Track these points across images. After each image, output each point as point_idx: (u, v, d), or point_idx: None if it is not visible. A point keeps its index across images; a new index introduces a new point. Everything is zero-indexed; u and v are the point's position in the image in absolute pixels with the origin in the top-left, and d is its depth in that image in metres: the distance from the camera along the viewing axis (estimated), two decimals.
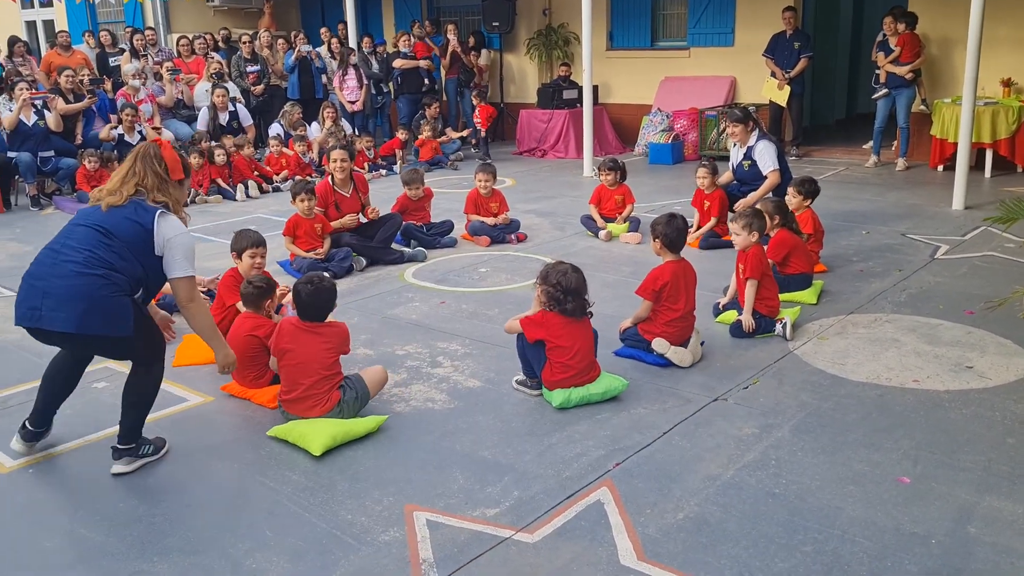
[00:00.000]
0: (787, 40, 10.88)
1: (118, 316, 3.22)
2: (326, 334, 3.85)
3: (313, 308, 3.86)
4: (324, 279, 3.96)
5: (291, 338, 3.80)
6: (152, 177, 3.39)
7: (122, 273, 3.25)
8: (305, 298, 3.86)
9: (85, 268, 3.21)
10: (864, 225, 7.35)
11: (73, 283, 3.20)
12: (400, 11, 15.18)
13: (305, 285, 3.88)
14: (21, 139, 9.40)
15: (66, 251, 3.29)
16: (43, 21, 17.44)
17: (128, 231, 3.30)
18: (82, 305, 3.18)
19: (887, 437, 3.59)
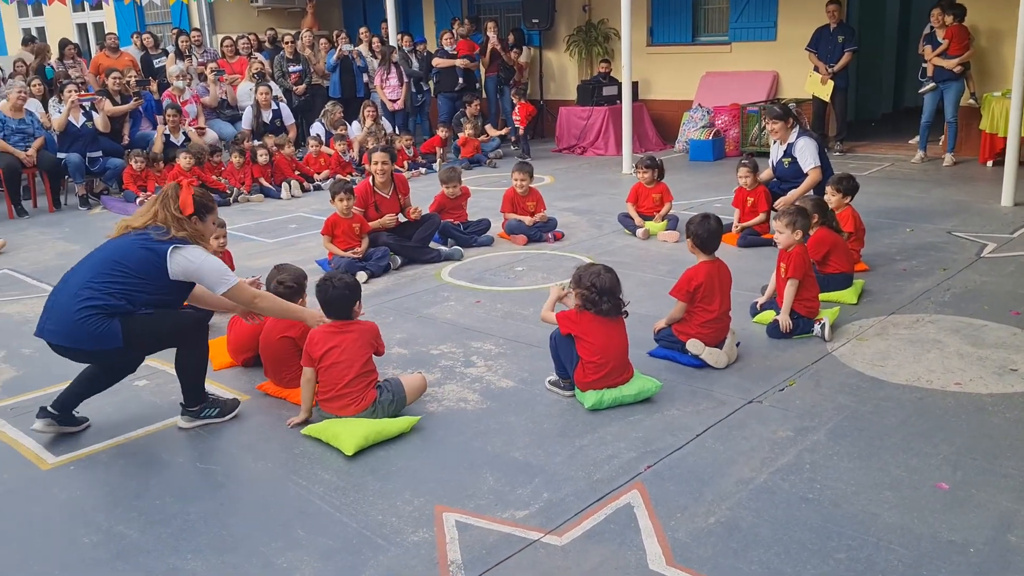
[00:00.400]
0: (831, 34, 10.69)
1: (103, 335, 3.57)
2: (355, 331, 3.87)
3: (332, 305, 3.89)
4: (337, 276, 3.98)
5: (323, 343, 3.82)
6: (168, 216, 3.76)
7: (118, 297, 3.60)
8: (322, 296, 3.91)
9: (80, 291, 3.60)
10: (908, 222, 7.20)
11: (67, 304, 3.61)
12: (441, 9, 15.23)
13: (323, 283, 3.93)
14: (70, 140, 9.62)
15: (75, 275, 3.71)
16: (93, 23, 17.84)
17: (137, 257, 3.67)
18: (70, 324, 3.58)
19: (926, 442, 3.52)
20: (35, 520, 3.21)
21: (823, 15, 10.70)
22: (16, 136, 9.26)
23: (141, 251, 3.67)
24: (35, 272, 6.87)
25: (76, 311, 3.56)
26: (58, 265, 7.05)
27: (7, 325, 5.55)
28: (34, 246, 7.84)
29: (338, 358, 3.79)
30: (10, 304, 6.01)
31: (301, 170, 10.33)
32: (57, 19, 17.94)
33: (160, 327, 3.73)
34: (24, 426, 3.99)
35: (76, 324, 3.56)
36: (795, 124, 6.87)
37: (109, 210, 9.42)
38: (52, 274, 6.74)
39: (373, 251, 6.41)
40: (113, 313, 3.59)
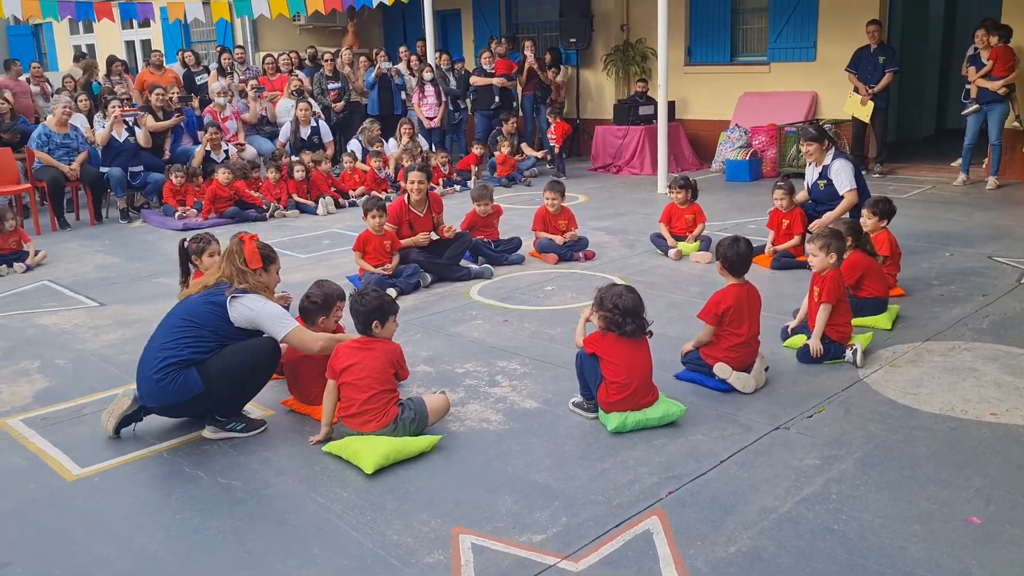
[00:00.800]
0: (871, 54, 10.57)
1: (183, 386, 3.80)
2: (378, 350, 3.87)
3: (358, 317, 3.90)
4: (370, 291, 3.99)
5: (345, 358, 3.84)
6: (233, 270, 4.02)
7: (191, 350, 3.84)
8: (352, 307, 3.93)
9: (157, 354, 3.86)
10: (948, 247, 7.06)
11: (148, 371, 3.86)
12: (479, 28, 15.34)
13: (352, 297, 3.97)
14: (113, 154, 9.81)
15: (152, 341, 3.97)
16: (141, 41, 18.24)
17: (202, 312, 3.92)
18: (154, 386, 3.83)
19: (958, 474, 3.42)
20: (57, 531, 3.24)
21: (863, 35, 10.59)
22: (61, 150, 9.46)
23: (204, 306, 3.93)
24: (73, 284, 7.00)
25: (155, 373, 3.81)
26: (97, 277, 7.19)
27: (43, 336, 5.65)
28: (74, 258, 7.99)
29: (358, 375, 3.79)
30: (48, 315, 6.12)
31: (337, 186, 10.42)
32: (107, 36, 18.38)
33: (235, 359, 3.90)
34: (53, 437, 4.05)
35: (158, 385, 3.81)
36: (831, 146, 6.78)
37: (149, 224, 9.58)
38: (90, 286, 6.88)
39: (403, 268, 6.43)
40: (188, 364, 3.82)
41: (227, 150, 10.49)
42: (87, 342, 5.49)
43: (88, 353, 5.28)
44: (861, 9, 11.00)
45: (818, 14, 11.58)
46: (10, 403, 4.53)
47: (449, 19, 15.99)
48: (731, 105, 12.45)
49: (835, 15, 11.37)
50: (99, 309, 6.25)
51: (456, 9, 15.61)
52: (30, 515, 3.37)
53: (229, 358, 3.88)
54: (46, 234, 9.13)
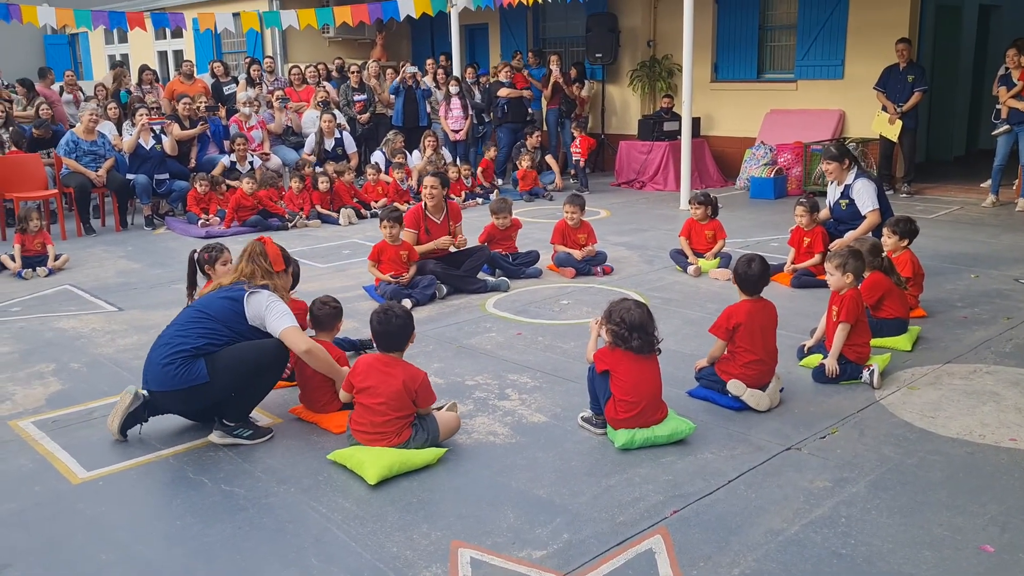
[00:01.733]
0: (900, 73, 10.46)
1: (189, 374, 3.83)
2: (397, 375, 3.76)
3: (384, 337, 3.85)
4: (395, 307, 3.95)
5: (363, 375, 3.79)
6: (258, 271, 4.12)
7: (202, 339, 3.88)
8: (376, 326, 3.87)
9: (168, 341, 3.93)
10: (974, 268, 6.93)
11: (157, 356, 3.93)
12: (506, 42, 15.39)
13: (376, 314, 3.88)
14: (139, 162, 9.93)
15: (165, 332, 4.03)
16: (173, 51, 18.49)
17: (218, 306, 3.99)
18: (159, 371, 3.88)
19: (973, 500, 3.32)
20: (58, 535, 3.24)
21: (892, 54, 10.49)
22: (88, 157, 9.59)
23: (221, 301, 4.02)
24: (94, 289, 7.06)
25: (163, 358, 3.87)
26: (118, 283, 7.25)
27: (61, 340, 5.70)
28: (96, 263, 8.06)
29: (374, 399, 3.74)
30: (67, 319, 6.17)
31: (360, 197, 10.46)
32: (140, 46, 18.66)
33: (242, 355, 3.91)
34: (62, 439, 4.07)
35: (164, 370, 3.85)
36: (852, 165, 6.68)
37: (172, 231, 9.66)
38: (111, 291, 6.94)
39: (420, 279, 6.41)
40: (197, 354, 3.86)
41: (251, 160, 10.58)
42: (103, 346, 5.53)
43: (103, 357, 5.31)
44: (891, 27, 10.90)
45: (847, 32, 11.49)
46: (23, 405, 4.56)
47: (477, 33, 16.07)
48: (757, 122, 12.37)
49: (864, 33, 11.27)
50: (117, 314, 6.30)
51: (484, 23, 15.67)
52: (33, 518, 3.37)
53: (237, 354, 3.90)
54: (72, 239, 9.23)
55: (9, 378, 4.98)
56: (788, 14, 12.30)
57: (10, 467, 3.81)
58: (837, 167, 6.63)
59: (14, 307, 6.57)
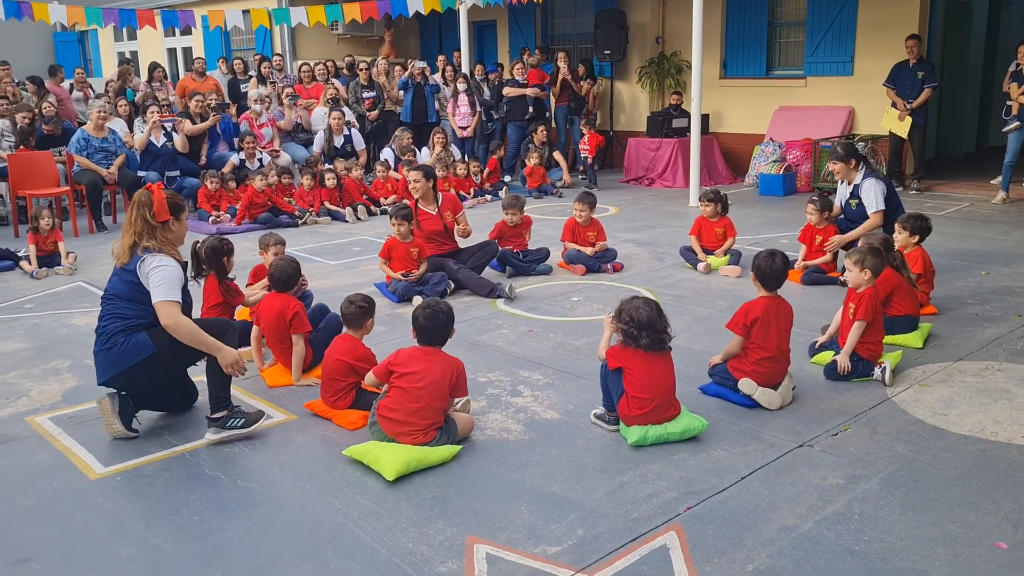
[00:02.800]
0: (910, 69, 10.44)
1: (133, 348, 3.88)
2: (439, 363, 3.81)
3: (430, 332, 3.87)
4: (441, 303, 3.96)
5: (407, 362, 3.82)
6: (142, 223, 3.97)
7: (127, 316, 3.93)
8: (423, 322, 3.88)
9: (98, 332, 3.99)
10: (984, 265, 6.92)
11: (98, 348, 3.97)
12: (515, 39, 15.39)
13: (423, 310, 3.91)
14: (151, 159, 9.98)
15: (99, 324, 4.03)
16: (182, 48, 18.52)
17: (125, 289, 3.96)
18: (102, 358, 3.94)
19: (986, 497, 3.33)
20: (77, 529, 3.28)
21: (902, 50, 10.47)
22: (99, 154, 9.64)
23: (120, 280, 4.00)
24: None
25: (102, 345, 3.93)
26: None
27: (75, 336, 5.74)
28: (109, 260, 8.06)
29: (416, 383, 3.76)
30: (80, 316, 6.22)
31: (369, 194, 10.49)
32: (150, 44, 18.69)
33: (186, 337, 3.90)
34: (79, 435, 4.11)
35: (107, 355, 3.91)
36: (860, 164, 6.64)
37: None
38: None
39: (431, 276, 6.43)
40: (131, 328, 3.90)
41: (261, 158, 10.61)
42: None
43: None
44: (900, 23, 10.87)
45: (856, 28, 11.46)
46: (39, 401, 4.60)
47: (485, 30, 16.07)
48: (766, 119, 12.36)
49: (874, 29, 11.24)
50: None
51: (492, 20, 15.67)
52: (52, 512, 3.41)
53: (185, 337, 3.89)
54: (84, 236, 9.28)
55: (25, 374, 5.02)
56: (797, 10, 12.28)
57: (28, 462, 3.85)
58: (843, 167, 6.61)
59: (27, 304, 6.61)
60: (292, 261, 5.00)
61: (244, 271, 6.45)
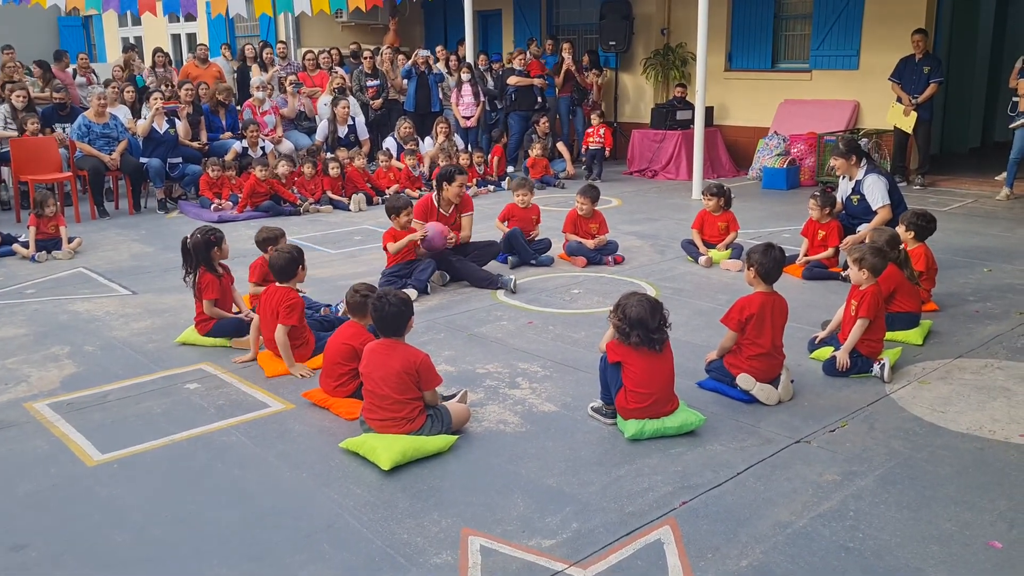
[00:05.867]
0: (916, 64, 10.39)
1: None
2: (397, 358, 3.79)
3: (381, 322, 3.87)
4: (389, 294, 3.93)
5: (367, 361, 3.85)
6: None
7: None
8: (373, 313, 3.89)
9: None
10: (987, 262, 6.90)
11: None
12: (520, 29, 15.34)
13: (373, 301, 3.92)
14: (153, 145, 9.96)
15: None
16: (187, 34, 18.49)
17: None
18: None
19: (982, 495, 3.33)
20: (74, 516, 3.29)
21: (908, 44, 10.42)
22: (101, 140, 9.62)
23: None
24: (108, 272, 7.10)
25: None
26: (131, 266, 7.29)
27: (76, 322, 5.74)
28: (110, 246, 8.11)
29: (375, 384, 3.78)
30: (81, 302, 6.22)
31: (372, 183, 10.47)
32: (154, 29, 18.66)
33: None
34: (77, 422, 4.12)
35: None
36: (861, 160, 6.61)
37: (185, 215, 9.70)
38: (124, 275, 6.99)
39: (416, 264, 6.30)
40: None
41: (263, 146, 10.60)
42: (117, 329, 5.57)
43: (117, 340, 5.36)
44: (907, 18, 10.82)
45: (862, 22, 11.41)
46: (38, 387, 4.60)
47: (490, 19, 16.02)
48: (771, 112, 12.32)
49: (880, 23, 11.19)
50: (131, 297, 6.34)
51: (497, 9, 15.63)
52: (49, 499, 3.41)
53: None
54: (86, 222, 9.27)
55: (24, 360, 5.03)
56: (803, 3, 12.23)
57: (26, 448, 3.86)
58: (844, 163, 6.59)
59: (29, 289, 6.62)
60: (292, 249, 5.00)
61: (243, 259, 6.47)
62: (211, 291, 5.18)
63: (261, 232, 5.66)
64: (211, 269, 5.21)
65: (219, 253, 5.24)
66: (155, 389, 4.53)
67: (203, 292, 5.18)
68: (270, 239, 5.60)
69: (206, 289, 5.18)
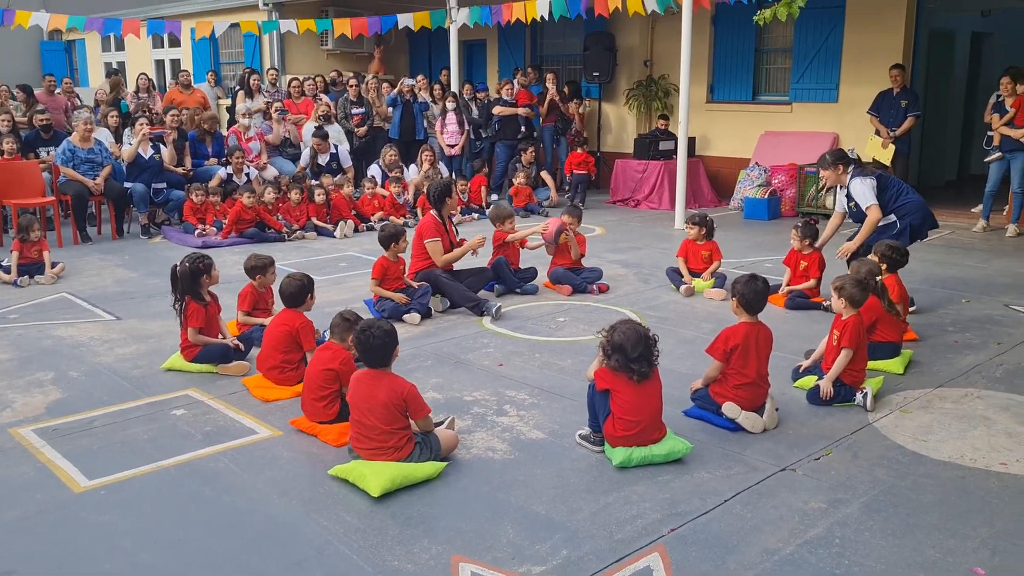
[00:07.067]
0: (894, 98, 10.59)
1: None
2: (382, 390, 3.79)
3: (367, 354, 3.87)
4: (377, 324, 3.92)
5: (353, 388, 3.86)
6: None
7: None
8: (357, 344, 3.89)
9: None
10: (964, 293, 7.02)
11: None
12: (504, 59, 15.50)
13: (358, 333, 3.91)
14: (138, 171, 9.95)
15: None
16: (171, 60, 18.51)
17: None
18: None
19: (965, 523, 3.38)
20: (62, 542, 3.27)
21: (886, 79, 10.63)
22: (85, 165, 9.60)
23: None
24: (92, 297, 7.08)
25: None
26: (115, 292, 7.27)
27: (59, 347, 5.71)
28: (94, 271, 8.08)
29: (362, 414, 3.79)
30: (64, 327, 6.19)
31: (357, 210, 10.50)
32: (137, 54, 18.69)
33: None
34: (63, 448, 4.09)
35: None
36: (848, 167, 6.57)
37: (169, 240, 9.68)
38: (108, 300, 6.96)
39: (415, 290, 6.39)
40: None
41: (248, 173, 10.62)
42: (101, 355, 5.55)
43: (102, 366, 5.33)
44: (885, 52, 11.04)
45: (842, 56, 11.62)
46: (23, 413, 4.57)
47: (475, 49, 16.18)
48: (751, 143, 12.49)
49: (859, 57, 11.41)
50: (115, 323, 6.32)
51: (482, 40, 15.79)
52: (36, 525, 3.39)
53: None
54: (68, 247, 9.24)
55: (8, 385, 5.00)
56: (784, 37, 12.44)
57: (12, 474, 3.83)
58: (832, 173, 6.59)
59: (12, 314, 6.58)
60: (303, 277, 5.02)
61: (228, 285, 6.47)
62: (196, 319, 5.19)
63: (250, 260, 5.68)
64: (198, 297, 5.22)
65: (208, 280, 5.25)
66: (141, 415, 4.52)
67: (188, 320, 5.18)
68: (259, 267, 5.63)
69: (191, 317, 5.18)
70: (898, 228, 6.42)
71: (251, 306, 5.73)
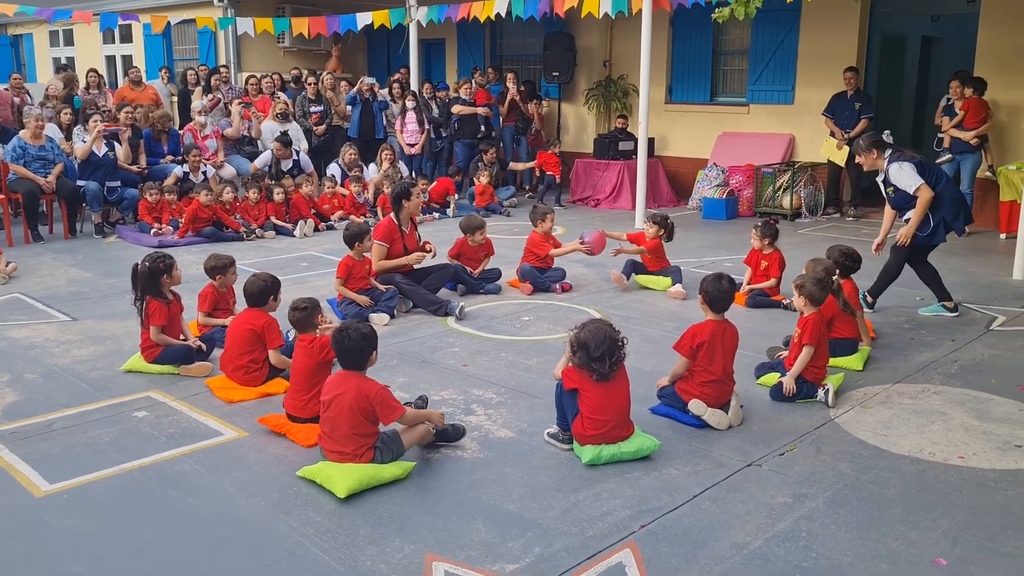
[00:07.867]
0: (848, 100, 10.81)
1: None
2: (351, 391, 3.75)
3: (342, 355, 3.85)
4: (352, 327, 3.90)
5: (328, 389, 3.84)
6: None
7: None
8: (335, 345, 3.88)
9: None
10: (918, 291, 7.17)
11: None
12: (463, 58, 15.48)
13: (335, 333, 3.89)
14: (91, 169, 9.73)
15: None
16: (122, 56, 18.15)
17: None
18: None
19: (926, 515, 3.47)
20: (25, 547, 3.19)
21: (841, 81, 10.83)
22: (36, 163, 9.39)
23: None
24: (45, 297, 6.92)
25: None
26: (69, 292, 7.12)
27: (13, 349, 5.58)
28: (47, 271, 7.90)
29: (332, 414, 3.77)
30: (17, 328, 6.05)
31: (317, 209, 10.40)
32: (87, 49, 18.31)
33: None
34: (22, 451, 4.00)
35: None
36: (884, 152, 6.44)
37: (123, 239, 9.50)
38: (63, 301, 6.81)
39: (382, 293, 6.39)
40: None
41: (205, 171, 10.46)
42: (58, 357, 5.43)
43: (59, 368, 5.22)
44: (839, 56, 11.26)
45: (797, 59, 11.82)
46: None
47: (434, 48, 16.14)
48: (709, 144, 12.64)
49: (813, 61, 11.61)
50: (71, 324, 6.19)
51: (441, 39, 15.75)
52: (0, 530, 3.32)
53: None
54: (19, 247, 9.02)
55: None
56: (741, 39, 12.62)
57: None
58: (868, 158, 6.48)
59: None
60: (268, 277, 4.99)
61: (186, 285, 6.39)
62: (158, 317, 5.10)
63: (210, 260, 5.60)
64: (159, 296, 5.13)
65: (169, 280, 5.17)
66: (102, 418, 4.43)
67: (150, 319, 5.09)
68: (219, 267, 5.55)
69: (153, 315, 5.10)
70: (932, 226, 6.33)
71: (212, 307, 5.65)
